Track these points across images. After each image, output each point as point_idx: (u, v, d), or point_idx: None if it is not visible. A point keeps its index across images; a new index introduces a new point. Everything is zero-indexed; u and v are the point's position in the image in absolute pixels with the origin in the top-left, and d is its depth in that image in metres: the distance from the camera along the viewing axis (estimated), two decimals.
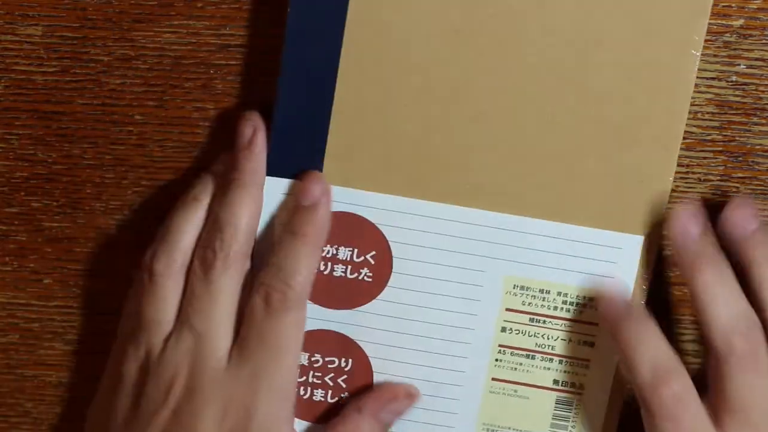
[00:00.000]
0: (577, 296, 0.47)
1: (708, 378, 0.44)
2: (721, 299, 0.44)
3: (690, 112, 0.47)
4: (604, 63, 0.45)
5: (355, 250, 0.47)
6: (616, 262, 0.46)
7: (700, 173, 0.48)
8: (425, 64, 0.45)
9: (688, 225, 0.45)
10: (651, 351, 0.44)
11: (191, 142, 0.49)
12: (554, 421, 0.48)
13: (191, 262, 0.46)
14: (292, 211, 0.46)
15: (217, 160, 0.48)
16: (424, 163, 0.46)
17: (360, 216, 0.47)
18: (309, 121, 0.46)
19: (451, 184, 0.46)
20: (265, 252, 0.46)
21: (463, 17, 0.44)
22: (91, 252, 0.51)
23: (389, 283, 0.47)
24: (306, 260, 0.45)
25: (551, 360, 0.47)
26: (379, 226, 0.46)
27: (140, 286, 0.46)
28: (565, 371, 0.47)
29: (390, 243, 0.47)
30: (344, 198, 0.46)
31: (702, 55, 0.46)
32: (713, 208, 0.46)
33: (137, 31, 0.48)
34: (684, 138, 0.47)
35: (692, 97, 0.47)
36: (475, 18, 0.44)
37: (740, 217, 0.45)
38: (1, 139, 0.50)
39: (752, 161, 0.47)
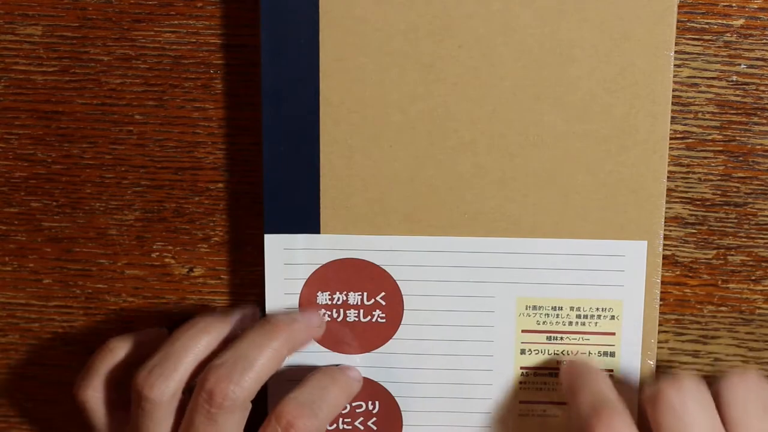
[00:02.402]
0: (590, 308, 0.47)
1: None
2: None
3: (690, 112, 0.47)
4: (579, 76, 0.45)
5: (365, 294, 0.47)
6: (624, 270, 0.46)
7: (700, 173, 0.48)
8: (403, 103, 0.45)
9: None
10: (594, 390, 0.44)
11: (191, 142, 0.49)
12: None
13: (195, 390, 0.44)
14: None
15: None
16: (419, 200, 0.46)
17: (364, 260, 0.47)
18: (299, 176, 0.46)
19: (448, 215, 0.46)
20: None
21: (432, 51, 0.45)
22: (90, 252, 0.51)
23: (403, 322, 0.47)
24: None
25: None
26: (384, 267, 0.47)
27: (136, 410, 0.45)
28: None
29: (398, 282, 0.47)
30: (346, 245, 0.47)
31: (702, 54, 0.46)
32: None
33: (137, 30, 0.48)
34: (684, 138, 0.47)
35: (692, 97, 0.47)
36: (443, 50, 0.45)
37: None
38: (0, 138, 0.50)
39: (753, 161, 0.47)
